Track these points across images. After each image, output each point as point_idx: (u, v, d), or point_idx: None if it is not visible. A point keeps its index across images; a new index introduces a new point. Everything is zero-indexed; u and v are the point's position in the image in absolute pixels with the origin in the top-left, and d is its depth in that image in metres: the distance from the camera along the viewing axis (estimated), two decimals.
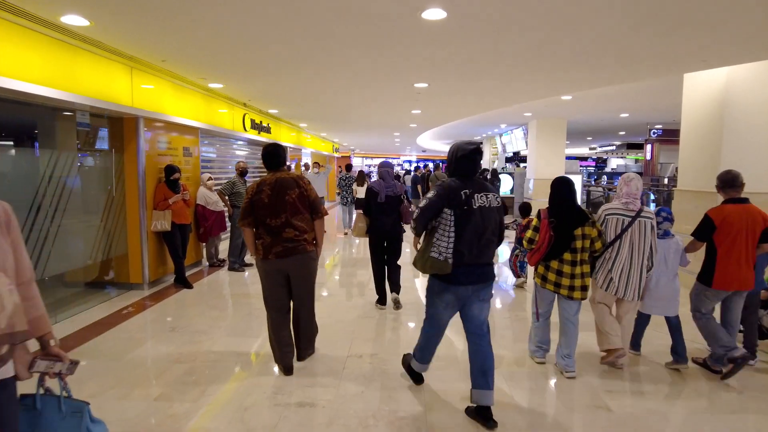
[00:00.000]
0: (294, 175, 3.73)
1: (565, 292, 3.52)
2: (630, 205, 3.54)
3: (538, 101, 10.11)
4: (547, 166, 14.01)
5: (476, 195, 2.91)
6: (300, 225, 3.61)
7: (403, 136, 18.10)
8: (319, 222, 3.77)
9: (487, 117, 13.36)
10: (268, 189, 3.57)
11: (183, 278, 6.43)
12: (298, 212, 3.61)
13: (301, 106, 10.16)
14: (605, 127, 16.45)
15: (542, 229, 3.52)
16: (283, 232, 3.56)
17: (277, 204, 3.55)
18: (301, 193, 3.63)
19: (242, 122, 9.70)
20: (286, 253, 3.57)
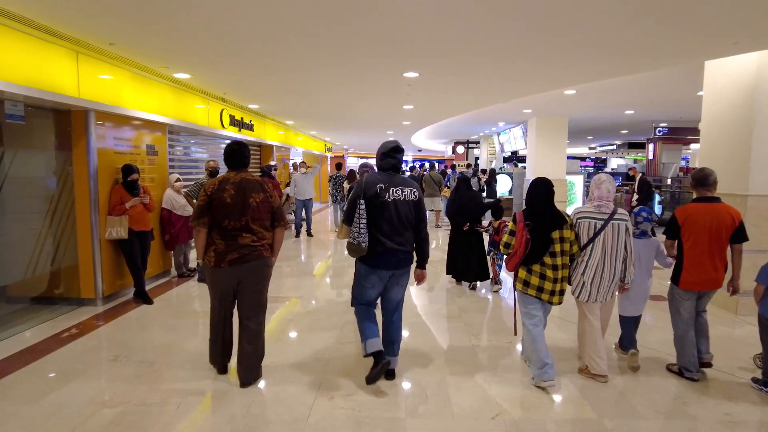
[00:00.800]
0: (259, 179, 3.49)
1: (546, 297, 3.41)
2: (602, 208, 3.46)
3: (539, 97, 9.42)
4: (547, 166, 13.31)
5: (392, 189, 3.36)
6: (259, 231, 3.39)
7: (396, 134, 17.38)
8: (280, 230, 3.57)
9: (484, 114, 12.67)
10: (231, 188, 3.31)
11: (142, 292, 5.71)
12: (259, 218, 3.39)
13: (284, 101, 9.43)
14: (608, 125, 15.78)
15: (518, 233, 3.40)
16: (240, 237, 3.31)
17: (239, 206, 3.30)
18: (265, 198, 3.42)
19: (220, 118, 8.97)
20: (241, 260, 3.32)
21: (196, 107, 7.98)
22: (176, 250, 6.96)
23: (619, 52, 5.15)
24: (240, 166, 3.50)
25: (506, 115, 12.88)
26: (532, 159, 13.81)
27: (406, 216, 3.37)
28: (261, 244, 3.39)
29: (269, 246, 3.49)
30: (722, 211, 3.52)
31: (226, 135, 9.35)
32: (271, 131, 12.43)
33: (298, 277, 7.13)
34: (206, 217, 3.31)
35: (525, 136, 15.22)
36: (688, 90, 8.98)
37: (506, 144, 17.72)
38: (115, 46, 5.11)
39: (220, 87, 7.85)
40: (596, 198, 3.52)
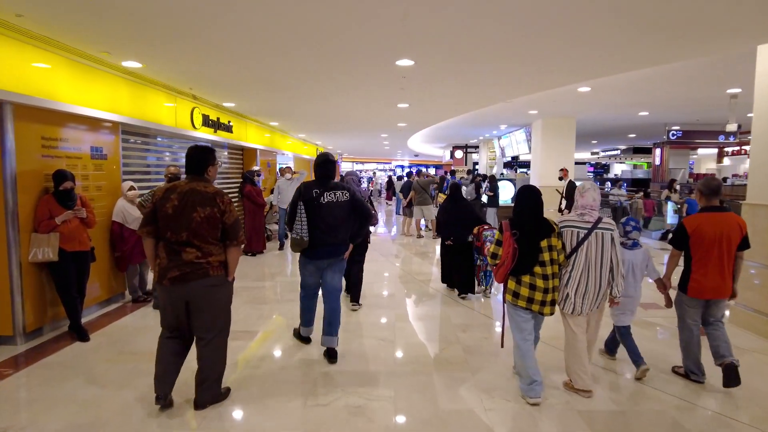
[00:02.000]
0: (214, 190, 3.11)
1: (536, 307, 3.32)
2: (586, 217, 3.39)
3: (547, 96, 8.47)
4: (554, 172, 12.34)
5: (326, 193, 3.96)
6: (205, 247, 3.05)
7: (392, 137, 16.41)
8: (233, 250, 3.18)
9: (486, 116, 11.72)
10: (175, 198, 3.03)
11: (77, 326, 4.67)
12: (203, 234, 3.03)
13: (262, 98, 8.44)
14: (616, 128, 14.85)
15: (505, 243, 3.32)
16: (183, 252, 3.01)
17: (181, 219, 3.00)
18: (212, 213, 3.03)
19: (190, 118, 7.96)
20: (183, 278, 3.01)
21: (159, 105, 6.96)
22: (129, 271, 5.91)
23: (663, 28, 4.17)
24: (194, 172, 3.15)
25: (509, 116, 11.92)
26: (536, 164, 12.85)
27: (339, 215, 4.00)
28: (207, 261, 3.04)
29: (221, 263, 3.12)
30: (730, 220, 3.55)
31: (199, 137, 8.33)
32: (254, 133, 11.41)
33: (275, 303, 6.09)
34: (151, 226, 3.06)
35: (528, 140, 14.27)
36: (715, 88, 8.04)
37: (507, 148, 16.77)
38: (23, 19, 4.05)
39: (185, 81, 6.84)
40: (580, 207, 3.43)
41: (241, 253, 3.34)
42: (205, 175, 3.17)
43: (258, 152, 11.74)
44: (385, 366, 4.06)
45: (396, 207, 18.33)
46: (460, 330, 4.95)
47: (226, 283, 3.17)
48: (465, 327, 5.05)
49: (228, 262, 3.16)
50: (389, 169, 37.69)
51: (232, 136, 9.86)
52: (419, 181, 11.48)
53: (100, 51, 5.00)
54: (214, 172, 3.25)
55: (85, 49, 4.96)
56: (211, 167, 3.21)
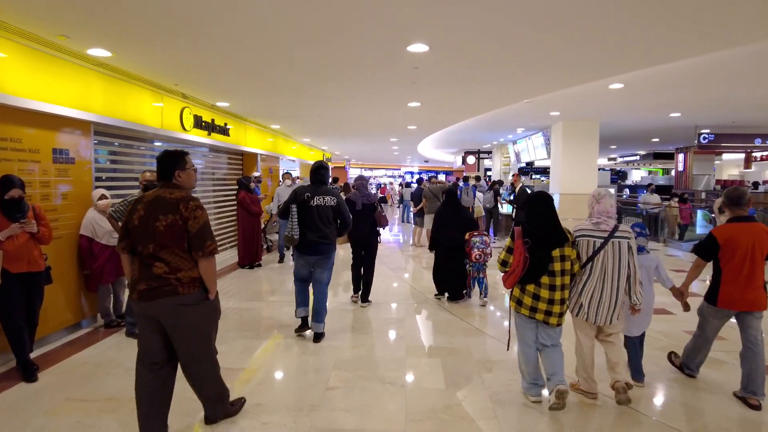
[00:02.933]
0: (179, 196, 2.76)
1: (540, 317, 3.24)
2: (602, 225, 3.26)
3: (571, 95, 7.65)
4: (575, 178, 11.49)
5: (315, 197, 4.56)
6: (172, 260, 2.71)
7: (401, 142, 15.62)
8: (203, 261, 2.76)
9: (502, 118, 10.90)
10: (141, 208, 2.76)
11: (23, 361, 3.90)
12: (168, 245, 2.70)
13: (260, 97, 7.70)
14: (640, 132, 13.93)
15: (516, 250, 3.20)
16: (153, 266, 2.71)
17: (147, 230, 2.71)
18: (174, 221, 2.69)
19: (180, 119, 7.22)
20: (150, 294, 2.68)
21: (142, 103, 6.22)
22: (101, 292, 5.14)
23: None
24: (163, 178, 2.84)
25: (527, 119, 11.09)
26: (556, 170, 11.99)
27: (326, 216, 4.55)
28: (175, 277, 2.70)
29: (194, 280, 2.75)
30: (759, 230, 3.46)
31: (190, 140, 7.59)
32: (254, 137, 10.67)
33: (267, 330, 5.26)
34: (125, 240, 2.81)
35: (547, 145, 13.41)
36: (759, 86, 7.16)
37: (523, 153, 15.90)
38: None
39: (168, 75, 6.10)
40: (595, 214, 3.32)
41: (214, 266, 2.82)
42: (173, 181, 2.83)
43: (259, 157, 11.01)
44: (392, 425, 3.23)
45: (403, 215, 17.50)
46: (485, 369, 4.11)
47: (201, 303, 2.79)
48: (490, 365, 4.20)
49: (203, 278, 2.77)
50: (398, 176, 36.89)
51: (230, 139, 9.12)
52: (431, 187, 10.63)
53: (55, 34, 4.25)
54: (186, 177, 2.88)
55: (36, 31, 4.20)
56: (180, 172, 2.84)
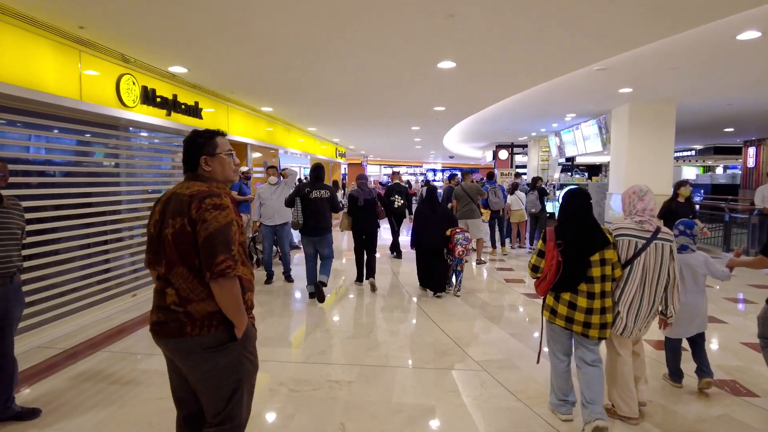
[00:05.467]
0: (195, 191, 1.95)
1: (578, 328, 2.90)
2: (645, 225, 2.98)
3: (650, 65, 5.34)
4: (646, 176, 9.05)
5: (314, 191, 5.87)
6: (181, 286, 1.94)
7: (425, 132, 13.36)
8: (216, 287, 1.89)
9: (552, 99, 8.61)
10: (158, 209, 2.04)
11: None
12: (177, 261, 1.93)
13: (238, 61, 5.58)
14: (718, 119, 11.39)
15: (548, 254, 2.94)
16: (165, 292, 1.98)
17: (160, 239, 1.99)
18: (182, 226, 1.91)
19: (116, 91, 5.15)
20: (158, 330, 1.99)
21: (37, 61, 4.16)
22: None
23: None
24: (187, 169, 2.09)
25: (586, 99, 8.73)
26: (619, 165, 9.58)
27: (322, 206, 5.89)
28: (184, 310, 1.92)
29: (210, 315, 1.93)
30: None
31: (135, 120, 5.52)
32: (240, 123, 8.57)
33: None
34: (149, 255, 2.07)
35: (602, 135, 11.03)
36: None
37: (568, 146, 13.50)
38: None
39: (69, 14, 4.00)
40: (638, 212, 3.02)
41: (233, 292, 1.90)
42: (199, 171, 2.06)
43: (249, 147, 8.92)
44: None
45: None
46: None
47: (221, 349, 1.95)
48: None
49: (222, 306, 1.91)
50: (420, 173, 34.49)
51: (202, 123, 7.04)
52: (465, 186, 8.39)
53: None
54: (218, 166, 2.07)
55: None
56: (208, 158, 2.05)
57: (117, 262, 5.81)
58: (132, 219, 6.05)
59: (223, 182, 2.09)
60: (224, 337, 1.95)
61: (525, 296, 6.29)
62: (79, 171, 5.18)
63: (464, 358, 4.20)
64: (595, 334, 2.88)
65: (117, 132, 5.71)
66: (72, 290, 5.03)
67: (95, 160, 5.48)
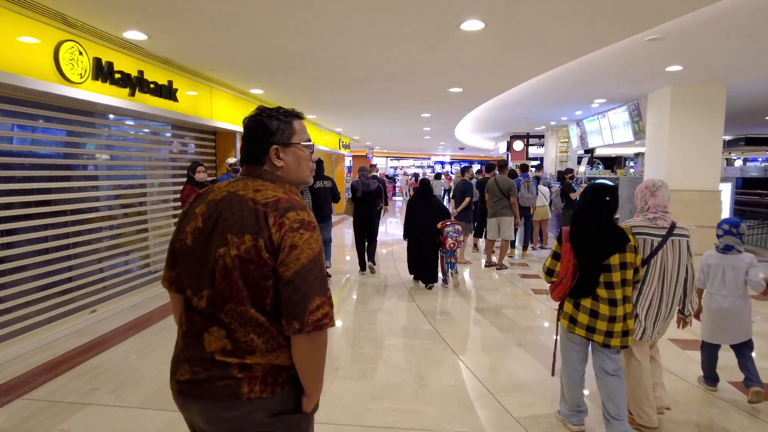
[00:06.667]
0: (271, 198, 1.43)
1: (600, 338, 2.66)
2: (659, 221, 2.80)
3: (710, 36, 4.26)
4: (690, 169, 7.95)
5: (317, 182, 6.46)
6: (240, 329, 1.41)
7: (435, 119, 12.21)
8: (303, 342, 1.40)
9: (582, 82, 7.55)
10: (201, 211, 1.48)
11: None
12: (234, 297, 1.39)
13: (220, 32, 4.52)
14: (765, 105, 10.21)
15: (564, 256, 2.70)
16: (204, 334, 1.43)
17: (203, 259, 1.44)
18: (253, 248, 1.38)
19: (54, 60, 4.10)
20: (196, 390, 1.43)
21: None
22: None
23: None
24: (246, 159, 1.54)
25: (624, 80, 7.60)
26: (658, 157, 8.43)
27: (324, 195, 6.53)
28: (242, 363, 1.40)
29: (276, 371, 1.43)
30: None
31: (82, 99, 4.47)
32: (228, 108, 7.50)
33: None
34: (171, 271, 1.56)
35: (634, 122, 9.88)
36: None
37: (592, 136, 12.35)
38: None
39: None
40: (651, 208, 2.84)
41: (321, 349, 1.41)
42: (265, 166, 1.51)
43: (238, 137, 7.86)
44: None
45: None
46: None
47: (284, 418, 1.45)
48: None
49: (298, 370, 1.44)
50: (427, 166, 33.26)
51: (179, 107, 5.98)
52: (499, 179, 7.38)
53: None
54: (292, 162, 1.54)
55: None
56: (280, 149, 1.51)
57: (77, 270, 4.85)
58: (95, 220, 5.06)
59: (296, 184, 1.58)
60: (291, 402, 1.47)
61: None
62: (15, 163, 4.18)
63: (499, 412, 3.14)
64: (617, 344, 2.65)
65: (68, 115, 4.69)
66: (6, 310, 4.05)
67: (33, 148, 4.46)
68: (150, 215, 6.24)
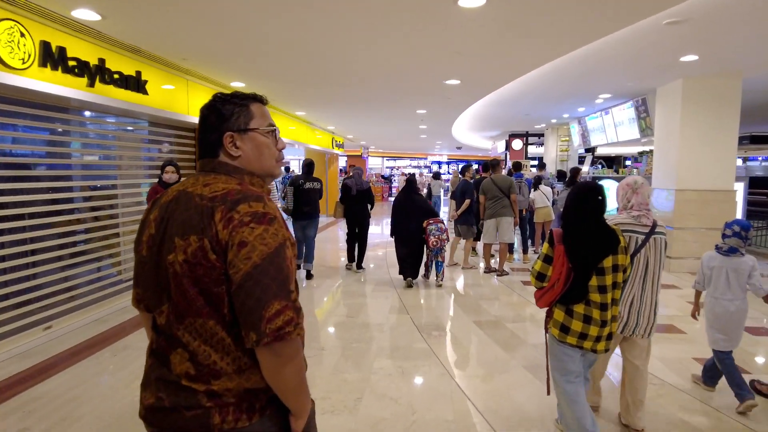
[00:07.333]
0: (222, 190, 1.26)
1: (589, 344, 2.49)
2: (642, 219, 2.79)
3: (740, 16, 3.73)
4: (703, 167, 7.44)
5: (306, 182, 6.66)
6: (200, 348, 1.24)
7: (432, 116, 11.68)
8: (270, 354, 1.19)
9: (587, 74, 7.04)
10: (154, 217, 1.35)
11: None
12: (189, 310, 1.24)
13: (187, 12, 3.97)
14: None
15: (557, 260, 2.48)
16: (169, 355, 1.28)
17: (157, 270, 1.31)
18: (199, 250, 1.21)
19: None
20: (162, 419, 1.27)
21: None
22: None
23: None
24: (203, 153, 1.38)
25: (633, 72, 7.08)
26: (668, 155, 7.90)
27: (313, 195, 6.69)
28: (208, 390, 1.23)
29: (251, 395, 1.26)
30: None
31: (28, 88, 3.92)
32: (198, 98, 6.95)
33: None
34: (137, 288, 1.41)
35: (641, 118, 9.38)
36: None
37: (595, 133, 11.84)
38: None
39: None
40: (635, 206, 2.82)
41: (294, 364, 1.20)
42: (221, 158, 1.35)
43: None
44: None
45: None
46: None
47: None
48: None
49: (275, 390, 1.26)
50: (424, 166, 32.70)
51: (149, 100, 5.43)
52: (496, 179, 6.92)
53: None
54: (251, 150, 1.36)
55: None
56: (234, 136, 1.34)
57: (28, 282, 4.31)
58: (58, 224, 4.51)
59: (260, 176, 1.38)
60: (276, 428, 1.28)
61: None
62: None
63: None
64: (602, 347, 2.56)
65: (16, 108, 4.15)
66: None
67: None
68: (121, 219, 5.72)
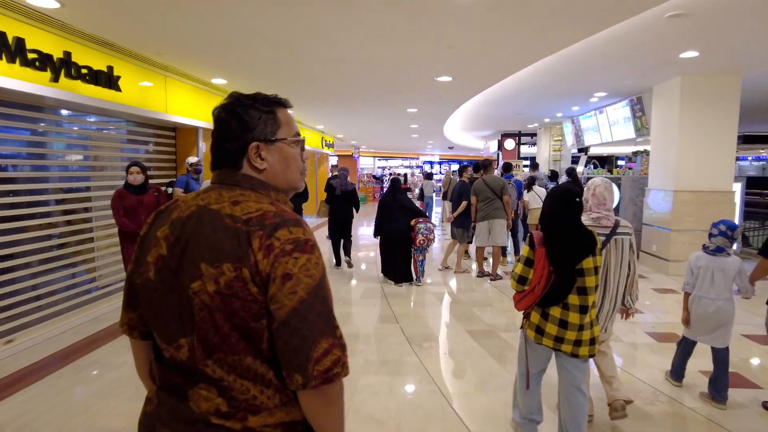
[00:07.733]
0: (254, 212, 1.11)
1: (568, 348, 2.49)
2: (602, 221, 2.85)
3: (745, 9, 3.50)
4: (702, 168, 7.24)
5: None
6: (235, 383, 1.09)
7: (423, 116, 11.42)
8: (318, 397, 1.08)
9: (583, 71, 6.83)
10: (165, 237, 1.16)
11: None
12: (220, 346, 1.08)
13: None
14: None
15: (538, 263, 2.49)
16: (189, 392, 1.11)
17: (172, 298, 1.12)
18: (238, 281, 1.06)
19: None
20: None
21: None
22: None
23: None
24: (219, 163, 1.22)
25: (630, 69, 6.86)
26: (665, 155, 7.70)
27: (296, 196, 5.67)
28: (245, 426, 1.09)
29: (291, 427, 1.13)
30: None
31: None
32: (188, 100, 6.62)
33: None
34: (132, 312, 1.27)
35: (636, 117, 9.17)
36: None
37: (589, 133, 11.65)
38: None
39: None
40: (593, 207, 2.88)
41: (335, 404, 1.08)
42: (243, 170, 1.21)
43: (200, 132, 7.02)
44: None
45: None
46: None
47: None
48: None
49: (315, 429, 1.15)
50: (416, 166, 32.42)
51: (122, 97, 5.11)
52: (488, 179, 6.67)
53: None
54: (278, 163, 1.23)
55: None
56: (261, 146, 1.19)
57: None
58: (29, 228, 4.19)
59: (284, 191, 1.25)
60: None
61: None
62: None
63: None
64: (585, 353, 2.51)
65: None
66: None
67: None
68: (96, 222, 5.41)
